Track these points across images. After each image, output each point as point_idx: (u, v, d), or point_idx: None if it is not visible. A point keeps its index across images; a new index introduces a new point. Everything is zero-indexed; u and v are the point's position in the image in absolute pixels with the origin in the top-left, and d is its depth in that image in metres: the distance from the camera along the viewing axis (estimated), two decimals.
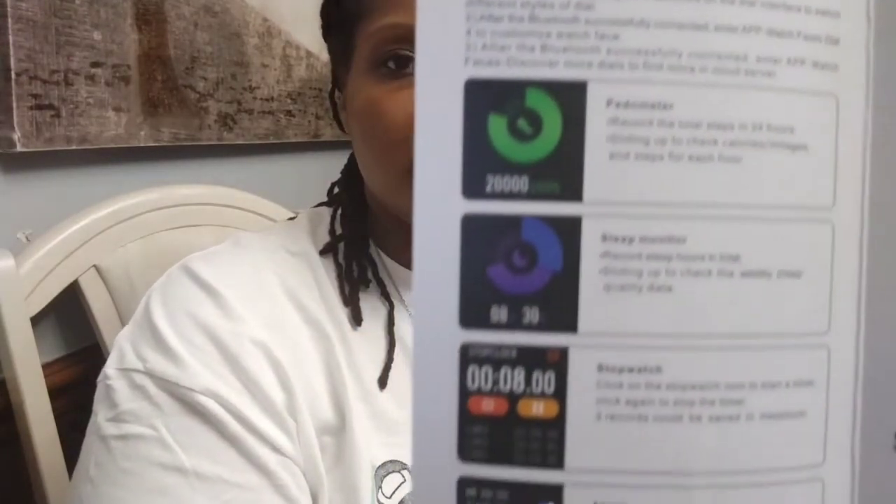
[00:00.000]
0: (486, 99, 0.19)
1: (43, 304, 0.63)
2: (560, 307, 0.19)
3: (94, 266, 0.68)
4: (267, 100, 1.00)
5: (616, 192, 0.19)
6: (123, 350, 0.42)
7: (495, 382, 0.19)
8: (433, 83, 0.19)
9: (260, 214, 0.84)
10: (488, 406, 0.19)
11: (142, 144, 0.79)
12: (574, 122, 0.19)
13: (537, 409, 0.19)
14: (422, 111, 0.19)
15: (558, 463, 0.19)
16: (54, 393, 0.63)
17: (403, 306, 0.49)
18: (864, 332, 0.20)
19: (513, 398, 0.19)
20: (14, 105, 0.64)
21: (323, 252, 0.49)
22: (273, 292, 0.45)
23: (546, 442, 0.19)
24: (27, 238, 0.68)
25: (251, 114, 0.97)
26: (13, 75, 0.63)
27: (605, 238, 0.19)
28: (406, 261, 0.50)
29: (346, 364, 0.45)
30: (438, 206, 0.19)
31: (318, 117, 1.11)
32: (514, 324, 0.19)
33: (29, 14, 0.65)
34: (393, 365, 0.47)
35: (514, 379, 0.19)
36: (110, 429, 0.39)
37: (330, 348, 0.45)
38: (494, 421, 0.19)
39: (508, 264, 0.19)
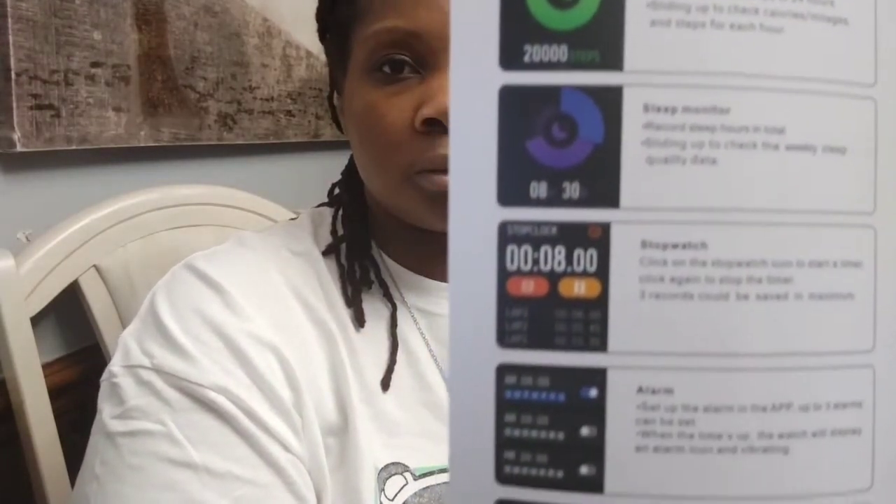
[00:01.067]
0: None
1: (43, 304, 0.63)
2: (601, 181, 0.18)
3: (94, 266, 0.68)
4: (267, 100, 1.00)
5: (658, 60, 0.18)
6: (129, 347, 0.41)
7: (535, 262, 0.19)
8: None
9: (260, 214, 0.84)
10: (528, 287, 0.19)
11: (142, 144, 0.79)
12: None
13: (579, 288, 0.19)
14: None
15: (601, 345, 0.18)
16: (54, 393, 0.63)
17: (406, 308, 0.49)
18: None
19: (553, 278, 0.19)
20: (14, 105, 0.64)
21: (325, 253, 0.49)
22: (279, 291, 0.45)
23: (588, 323, 0.18)
24: (27, 238, 0.68)
25: (251, 114, 0.97)
26: (13, 75, 0.63)
27: (646, 108, 0.18)
28: (408, 262, 0.50)
29: (350, 364, 0.45)
30: (475, 77, 0.18)
31: (318, 117, 1.11)
32: (554, 199, 0.18)
33: (29, 14, 0.65)
34: (395, 367, 0.46)
35: (554, 258, 0.19)
36: (117, 426, 0.39)
37: (334, 348, 0.45)
38: (535, 303, 0.19)
39: (548, 137, 0.18)
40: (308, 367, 0.43)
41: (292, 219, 0.55)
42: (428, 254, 0.49)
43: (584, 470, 0.19)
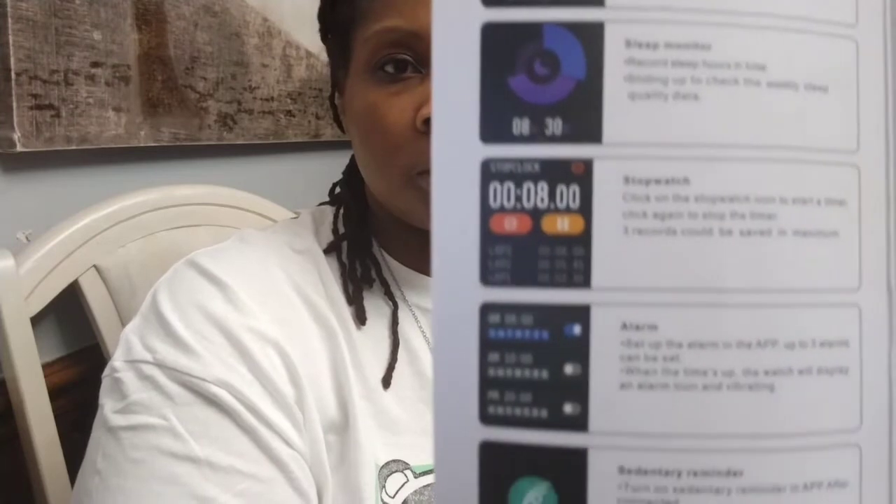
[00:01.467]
0: None
1: (43, 304, 0.63)
2: (584, 117, 0.18)
3: (94, 266, 0.68)
4: (267, 100, 1.00)
5: None
6: (131, 343, 0.41)
7: (518, 199, 0.19)
8: None
9: (260, 214, 0.84)
10: (511, 224, 0.19)
11: (142, 144, 0.79)
12: None
13: (562, 225, 0.19)
14: None
15: (585, 282, 0.18)
16: (54, 393, 0.63)
17: (407, 306, 0.49)
18: (894, 155, 0.20)
19: (536, 215, 0.19)
20: (14, 105, 0.64)
21: (327, 251, 0.49)
22: (281, 288, 0.45)
23: (572, 260, 0.18)
24: (27, 238, 0.68)
25: (251, 114, 0.97)
26: (13, 75, 0.63)
27: (628, 44, 0.18)
28: (408, 261, 0.50)
29: (351, 362, 0.45)
30: (457, 14, 0.18)
31: (318, 117, 1.11)
32: (537, 136, 0.18)
33: (29, 14, 0.65)
34: (396, 365, 0.47)
35: (537, 194, 0.19)
36: (118, 420, 0.39)
37: (336, 345, 0.45)
38: (518, 240, 0.19)
39: (530, 74, 0.18)
40: (310, 363, 0.43)
41: (294, 217, 0.55)
42: (429, 252, 0.49)
43: (568, 408, 0.19)
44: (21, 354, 0.60)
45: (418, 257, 0.50)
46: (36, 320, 0.63)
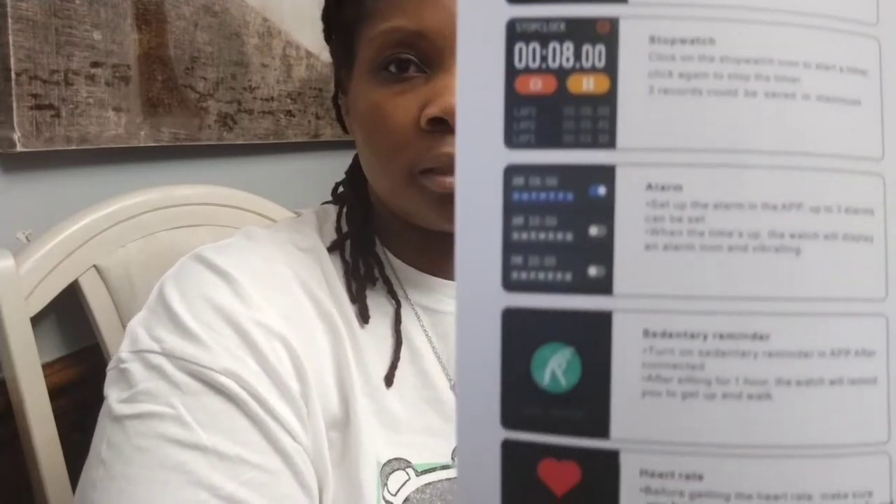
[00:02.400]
0: None
1: (43, 304, 0.63)
2: None
3: (94, 266, 0.68)
4: (267, 100, 1.00)
5: None
6: (137, 334, 0.41)
7: (543, 59, 0.18)
8: None
9: (260, 214, 0.84)
10: (536, 85, 0.18)
11: (142, 144, 0.79)
12: None
13: (587, 84, 0.18)
14: None
15: (610, 142, 0.18)
16: (54, 393, 0.63)
17: (409, 305, 0.49)
18: None
19: (562, 75, 0.18)
20: (14, 105, 0.64)
21: (330, 249, 0.49)
22: (287, 284, 0.45)
23: (597, 120, 0.18)
24: (27, 238, 0.68)
25: (251, 114, 0.97)
26: (13, 75, 0.63)
27: None
28: (411, 260, 0.51)
29: (354, 360, 0.45)
30: None
31: (318, 117, 1.11)
32: None
33: (29, 14, 0.65)
34: (399, 364, 0.47)
35: (563, 54, 0.18)
36: (124, 409, 0.38)
37: (339, 342, 0.45)
38: (543, 101, 0.18)
39: None
40: (315, 358, 0.43)
41: (297, 216, 0.55)
42: (432, 252, 0.50)
43: (592, 271, 0.18)
44: (21, 354, 0.60)
45: (421, 256, 0.50)
46: (36, 320, 0.63)
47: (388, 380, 0.46)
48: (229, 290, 0.42)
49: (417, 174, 0.43)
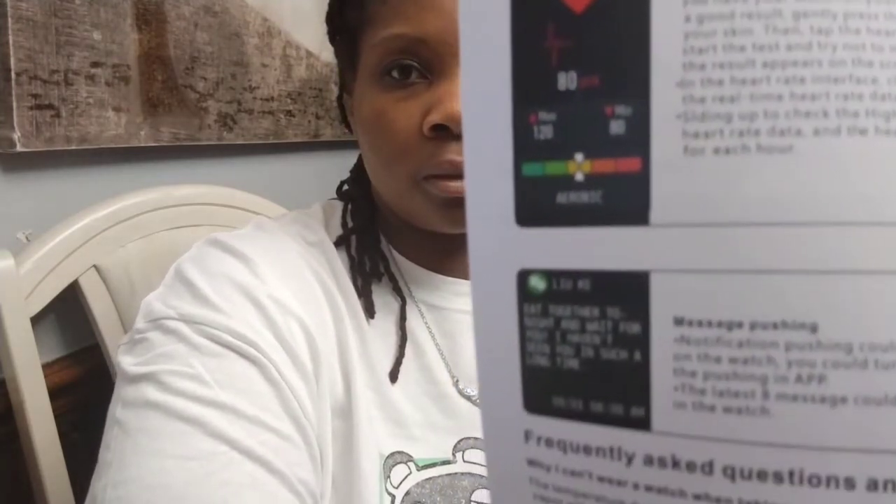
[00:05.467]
0: None
1: (43, 304, 0.63)
2: None
3: (94, 266, 0.68)
4: (267, 100, 1.00)
5: None
6: (153, 306, 0.41)
7: None
8: None
9: (260, 214, 0.83)
10: None
11: (142, 144, 0.79)
12: None
13: None
14: None
15: None
16: (54, 393, 0.63)
17: (413, 302, 0.50)
18: None
19: None
20: (14, 105, 0.64)
21: (337, 244, 0.50)
22: (301, 271, 0.46)
23: None
24: (27, 238, 0.68)
25: (251, 114, 0.97)
26: (13, 75, 0.63)
27: None
28: (416, 258, 0.51)
29: (359, 352, 0.46)
30: None
31: (318, 117, 1.11)
32: None
33: (29, 14, 0.65)
34: (404, 360, 0.47)
35: None
36: (141, 369, 0.37)
37: (344, 333, 0.45)
38: None
39: None
40: (325, 343, 0.44)
41: (305, 210, 0.55)
42: (436, 250, 0.50)
43: None
44: (21, 354, 0.60)
45: (425, 254, 0.51)
46: (36, 320, 0.63)
47: (393, 376, 0.46)
48: (247, 269, 0.43)
49: (421, 180, 0.43)
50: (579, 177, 0.17)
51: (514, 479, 0.19)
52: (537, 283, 0.18)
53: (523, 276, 0.18)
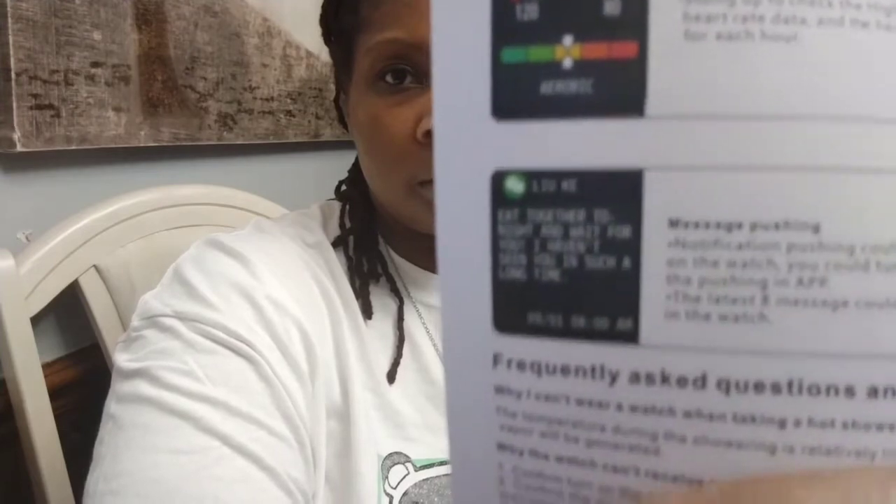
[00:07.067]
0: None
1: (43, 304, 0.63)
2: None
3: (94, 266, 0.68)
4: (267, 100, 1.00)
5: None
6: (148, 303, 0.41)
7: None
8: None
9: (260, 214, 0.83)
10: None
11: (142, 144, 0.79)
12: None
13: None
14: None
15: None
16: (54, 393, 0.63)
17: (412, 303, 0.50)
18: None
19: None
20: (14, 105, 0.64)
21: (335, 244, 0.50)
22: (300, 272, 0.46)
23: None
24: (27, 238, 0.68)
25: (251, 114, 0.97)
26: (13, 75, 0.63)
27: None
28: (413, 259, 0.51)
29: (357, 354, 0.46)
30: None
31: (318, 117, 1.11)
32: None
33: (29, 14, 0.65)
34: (401, 361, 0.47)
35: None
36: (135, 365, 0.38)
37: (342, 335, 0.45)
38: None
39: None
40: (322, 345, 0.44)
41: (304, 210, 0.55)
42: (433, 251, 0.50)
43: None
44: (21, 354, 0.60)
45: (422, 254, 0.51)
46: (36, 320, 0.63)
47: (391, 376, 0.46)
48: (245, 270, 0.43)
49: (416, 185, 0.44)
50: (567, 63, 0.15)
51: (478, 411, 0.17)
52: (514, 186, 0.16)
53: (498, 177, 0.16)
